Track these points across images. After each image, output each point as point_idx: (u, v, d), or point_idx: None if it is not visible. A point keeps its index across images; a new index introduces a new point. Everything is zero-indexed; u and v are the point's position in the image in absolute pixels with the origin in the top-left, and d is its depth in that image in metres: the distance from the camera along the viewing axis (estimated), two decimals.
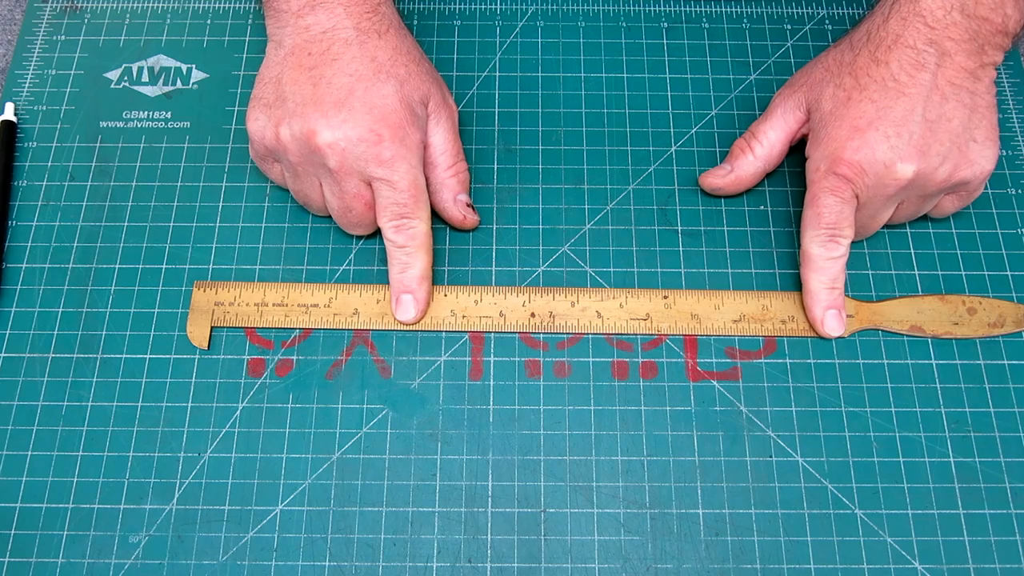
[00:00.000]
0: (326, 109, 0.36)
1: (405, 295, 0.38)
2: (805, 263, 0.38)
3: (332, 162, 0.36)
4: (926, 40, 0.36)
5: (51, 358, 0.39)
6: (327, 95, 0.36)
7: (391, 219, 0.37)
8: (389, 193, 0.36)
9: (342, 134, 0.35)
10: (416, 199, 0.37)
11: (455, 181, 0.40)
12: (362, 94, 0.36)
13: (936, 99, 0.36)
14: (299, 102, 0.36)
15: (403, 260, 0.38)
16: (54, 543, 0.35)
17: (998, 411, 0.38)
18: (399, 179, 0.36)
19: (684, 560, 0.35)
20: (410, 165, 0.36)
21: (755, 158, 0.41)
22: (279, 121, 0.37)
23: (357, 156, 0.36)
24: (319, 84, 0.36)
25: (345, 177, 0.36)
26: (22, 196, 0.42)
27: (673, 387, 0.38)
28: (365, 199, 0.37)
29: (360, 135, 0.35)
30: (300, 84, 0.36)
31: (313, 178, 0.38)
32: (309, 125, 0.36)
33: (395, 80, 0.37)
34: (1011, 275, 0.41)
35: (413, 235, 0.37)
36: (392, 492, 0.36)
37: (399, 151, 0.36)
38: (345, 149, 0.36)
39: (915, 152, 0.35)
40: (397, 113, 0.36)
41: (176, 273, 0.41)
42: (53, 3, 0.48)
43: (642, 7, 0.48)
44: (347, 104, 0.36)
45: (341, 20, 0.37)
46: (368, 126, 0.35)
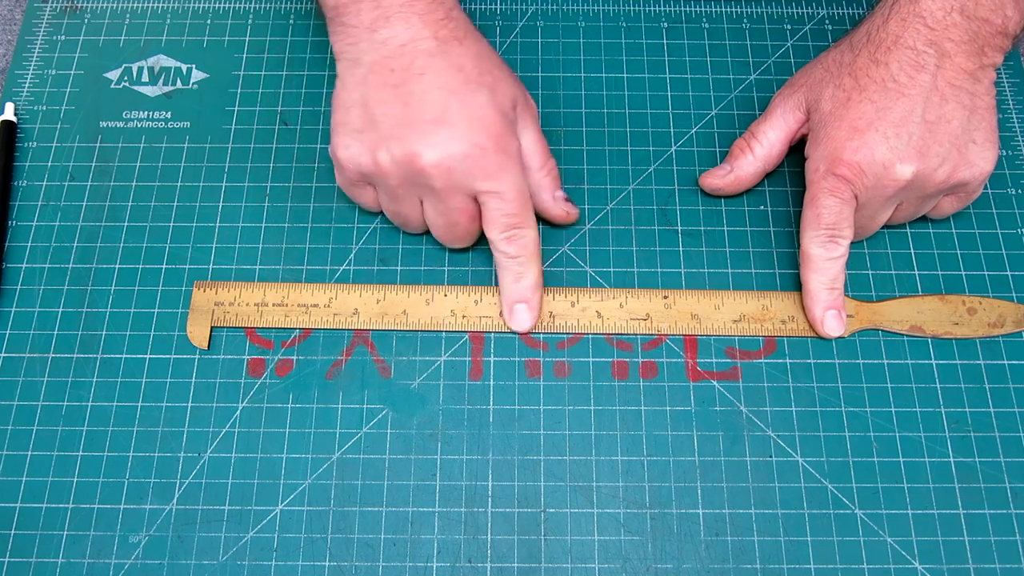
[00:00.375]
0: (424, 128, 0.34)
1: (519, 304, 0.38)
2: (805, 263, 0.38)
3: (439, 182, 0.35)
4: (926, 41, 0.36)
5: (51, 358, 0.39)
6: (422, 113, 0.34)
7: (502, 231, 0.36)
8: (498, 205, 0.36)
9: (446, 152, 0.34)
10: (524, 207, 0.36)
11: (550, 179, 0.40)
12: (458, 108, 0.35)
13: (936, 100, 0.36)
14: (393, 123, 0.35)
15: (516, 270, 0.37)
16: (54, 543, 0.35)
17: (998, 411, 0.38)
18: (507, 190, 0.35)
19: (684, 560, 0.35)
20: (515, 174, 0.36)
21: (754, 158, 0.41)
22: (375, 146, 0.35)
23: (464, 172, 0.35)
24: (411, 102, 0.35)
25: (451, 194, 0.36)
26: (22, 196, 0.42)
27: (673, 387, 0.38)
28: (470, 213, 0.37)
29: (464, 151, 0.34)
30: (390, 104, 0.35)
31: (414, 199, 0.37)
32: (410, 147, 0.34)
33: (486, 89, 0.36)
34: (1011, 275, 0.41)
35: (524, 244, 0.37)
36: (392, 492, 0.36)
37: (504, 161, 0.35)
38: (451, 167, 0.34)
39: (914, 153, 0.35)
40: (495, 123, 0.35)
41: (176, 273, 0.41)
42: (53, 3, 0.48)
43: (642, 7, 0.48)
44: (445, 120, 0.34)
45: (419, 30, 0.35)
46: (471, 140, 0.34)
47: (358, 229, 0.42)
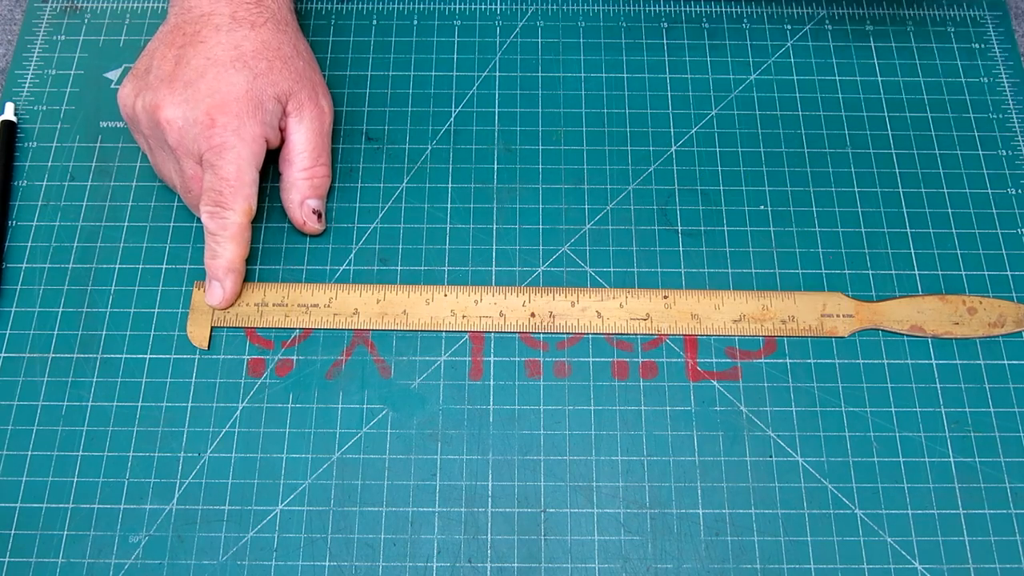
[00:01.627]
0: (175, 87, 0.37)
1: (214, 281, 0.39)
2: None
3: (171, 139, 0.37)
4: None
5: (51, 358, 0.39)
6: (181, 74, 0.37)
7: (207, 204, 0.37)
8: (211, 179, 0.37)
9: (180, 113, 0.36)
10: (235, 191, 0.37)
11: (307, 184, 0.40)
12: (211, 78, 0.37)
13: None
14: (158, 76, 0.37)
15: (212, 247, 0.38)
16: (54, 543, 0.35)
17: (998, 411, 0.38)
18: (222, 166, 0.36)
19: (684, 560, 0.35)
20: (237, 155, 0.37)
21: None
22: (138, 92, 0.38)
23: (192, 137, 0.36)
24: (179, 63, 0.37)
25: (183, 156, 0.37)
26: (22, 196, 0.42)
27: (673, 387, 0.38)
28: (199, 180, 0.38)
29: (196, 117, 0.36)
30: (165, 61, 0.38)
31: (163, 154, 0.39)
32: (156, 100, 0.37)
33: (249, 71, 0.37)
34: (1011, 275, 0.41)
35: (224, 225, 0.37)
36: (392, 492, 0.36)
37: (229, 140, 0.36)
38: (182, 128, 0.37)
39: None
40: (239, 102, 0.37)
41: (176, 273, 0.41)
42: (53, 3, 0.48)
43: (642, 7, 0.48)
44: (194, 85, 0.37)
45: (220, 7, 0.38)
46: (204, 109, 0.36)
47: (358, 229, 0.42)
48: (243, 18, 0.38)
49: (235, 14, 0.38)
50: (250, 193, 0.37)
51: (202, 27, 0.38)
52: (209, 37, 0.38)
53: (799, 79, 0.45)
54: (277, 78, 0.38)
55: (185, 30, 0.38)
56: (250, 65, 0.37)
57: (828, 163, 0.43)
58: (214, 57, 0.37)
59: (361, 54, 0.46)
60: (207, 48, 0.37)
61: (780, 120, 0.44)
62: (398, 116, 0.45)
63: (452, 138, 0.44)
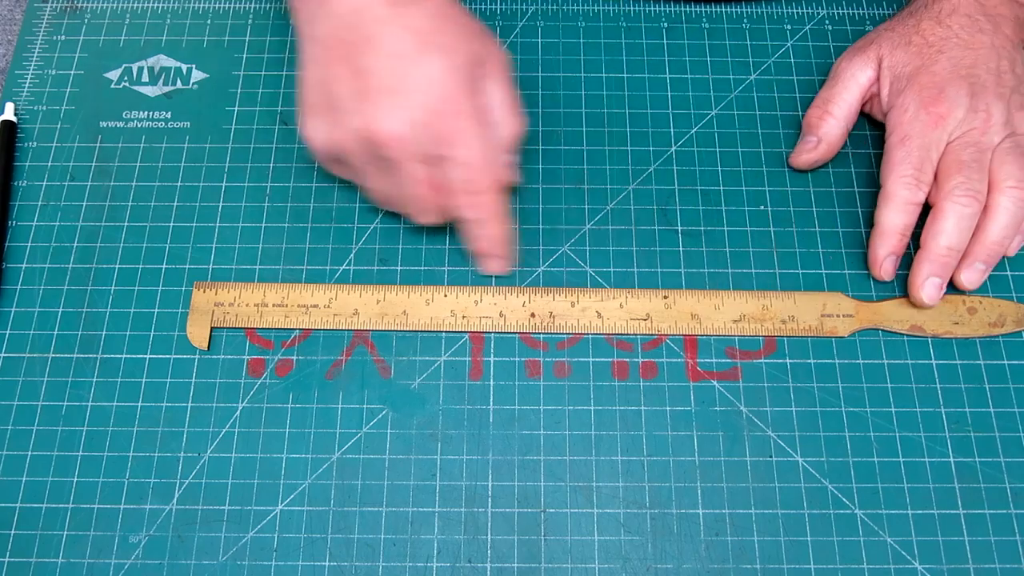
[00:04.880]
0: (378, 99, 0.34)
1: (491, 258, 0.39)
2: (884, 201, 0.39)
3: (395, 152, 0.34)
4: (980, 12, 0.40)
5: (51, 358, 0.39)
6: (374, 84, 0.34)
7: (459, 197, 0.36)
8: (455, 171, 0.35)
9: (400, 121, 0.33)
10: (483, 170, 0.35)
11: (508, 143, 0.38)
12: (409, 75, 0.34)
13: (994, 56, 0.39)
14: (349, 99, 0.34)
15: (476, 232, 0.37)
16: (54, 543, 0.35)
17: (998, 411, 0.38)
18: (462, 154, 0.35)
19: (684, 560, 0.35)
20: (472, 136, 0.35)
21: (837, 120, 0.42)
22: (336, 124, 0.35)
23: (420, 141, 0.34)
24: (363, 74, 0.34)
25: (409, 163, 0.35)
26: (22, 196, 0.42)
27: (673, 387, 0.38)
28: (431, 182, 0.36)
29: (419, 118, 0.34)
30: (345, 80, 0.34)
31: (382, 175, 0.37)
32: (366, 121, 0.34)
33: (441, 51, 0.34)
34: (1011, 275, 0.41)
35: (483, 208, 0.36)
36: (392, 492, 0.36)
37: (460, 125, 0.34)
38: (408, 136, 0.34)
39: (985, 91, 0.38)
40: (450, 86, 0.34)
41: (176, 273, 0.41)
42: (53, 3, 0.48)
43: (642, 7, 0.48)
44: (398, 88, 0.34)
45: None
46: (424, 107, 0.34)
47: (358, 229, 0.42)
48: (398, 1, 0.34)
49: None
50: (497, 167, 0.36)
51: (363, 26, 0.34)
52: (378, 33, 0.34)
53: (799, 79, 0.45)
54: (463, 46, 0.35)
55: (344, 36, 0.34)
56: (437, 44, 0.34)
57: (828, 163, 0.43)
58: (397, 51, 0.34)
59: None
60: (383, 46, 0.34)
61: (780, 120, 0.44)
62: None
63: None
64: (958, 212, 0.37)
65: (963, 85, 0.38)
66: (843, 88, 0.42)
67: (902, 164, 0.38)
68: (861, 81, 0.41)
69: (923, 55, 0.40)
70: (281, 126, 0.44)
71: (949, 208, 0.37)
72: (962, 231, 0.37)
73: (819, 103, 0.42)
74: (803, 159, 0.42)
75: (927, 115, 0.38)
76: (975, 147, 0.38)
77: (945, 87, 0.38)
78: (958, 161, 0.38)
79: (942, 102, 0.38)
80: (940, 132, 0.38)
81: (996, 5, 0.40)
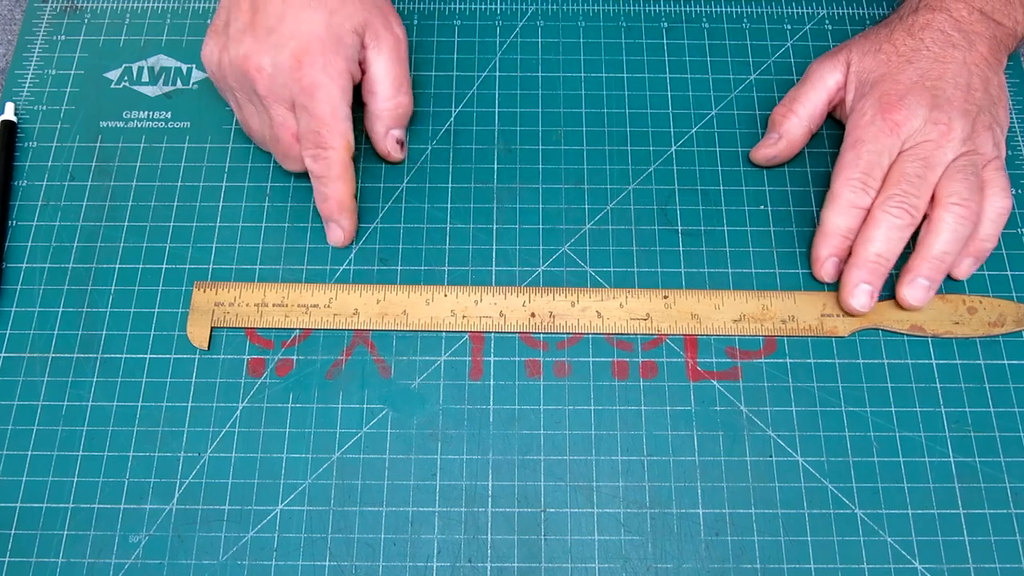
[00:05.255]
0: (258, 35, 0.37)
1: (331, 222, 0.40)
2: (829, 202, 0.39)
3: (260, 87, 0.37)
4: (954, 28, 0.40)
5: (51, 358, 0.39)
6: (261, 21, 0.37)
7: (307, 147, 0.38)
8: (307, 121, 0.37)
9: (268, 60, 0.36)
10: (332, 128, 0.37)
11: (391, 115, 0.41)
12: (291, 21, 0.37)
13: (965, 72, 0.39)
14: (238, 28, 0.37)
15: (321, 190, 0.39)
16: (54, 543, 0.35)
17: (998, 411, 0.38)
18: (315, 106, 0.37)
19: (684, 560, 0.35)
20: (328, 92, 0.37)
21: (800, 119, 0.42)
22: (222, 47, 0.38)
23: (282, 83, 0.37)
24: (257, 11, 0.37)
25: (273, 103, 0.37)
26: (22, 196, 0.42)
27: (673, 387, 0.38)
28: (291, 129, 0.38)
29: (282, 61, 0.36)
30: (242, 11, 0.38)
31: (252, 107, 0.39)
32: (242, 50, 0.37)
33: (325, 8, 0.37)
34: (1011, 275, 0.41)
35: (328, 164, 0.38)
36: (392, 492, 0.36)
37: (318, 78, 0.36)
38: (271, 75, 0.37)
39: (950, 106, 0.38)
40: (321, 40, 0.37)
41: (176, 273, 0.41)
42: (53, 3, 0.48)
43: (642, 7, 0.48)
44: (276, 30, 0.37)
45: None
46: (289, 52, 0.36)
47: (358, 229, 0.42)
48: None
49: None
50: (346, 128, 0.38)
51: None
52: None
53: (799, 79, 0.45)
54: (352, 11, 0.38)
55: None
56: (325, 2, 0.37)
57: (828, 163, 0.43)
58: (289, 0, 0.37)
59: None
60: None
61: None
62: None
63: (452, 138, 0.44)
64: (888, 222, 0.37)
65: (925, 96, 0.38)
66: (810, 88, 0.42)
67: (850, 167, 0.39)
68: (829, 84, 0.42)
69: (891, 63, 0.40)
70: None
71: (880, 217, 0.38)
72: (891, 241, 0.38)
73: (786, 101, 0.43)
74: (762, 154, 0.43)
75: (883, 121, 0.38)
76: (924, 161, 0.38)
77: (906, 95, 0.39)
78: (901, 172, 0.38)
79: (900, 110, 0.38)
80: (894, 139, 0.38)
81: (972, 23, 0.40)
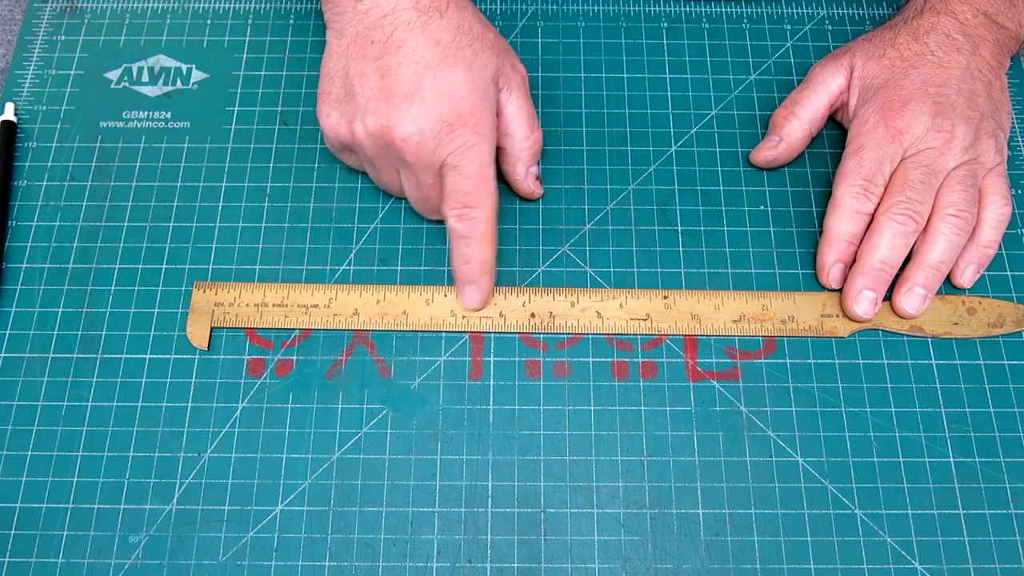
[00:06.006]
0: (398, 102, 0.35)
1: (468, 285, 0.38)
2: (832, 209, 0.39)
3: (408, 156, 0.35)
4: (959, 32, 0.40)
5: (51, 358, 0.39)
6: (396, 87, 0.35)
7: (453, 207, 0.36)
8: (454, 180, 0.36)
9: (415, 128, 0.35)
10: (481, 188, 0.36)
11: (530, 153, 0.40)
12: (431, 83, 0.35)
13: (968, 78, 0.39)
14: (370, 96, 0.36)
15: (463, 252, 0.37)
16: (54, 543, 0.35)
17: (998, 411, 0.38)
18: (465, 166, 0.35)
19: (684, 560, 0.35)
20: (479, 152, 0.35)
21: (800, 122, 0.42)
22: (352, 117, 0.36)
23: (431, 148, 0.35)
24: (387, 76, 0.35)
25: (421, 169, 0.36)
26: (22, 196, 0.42)
27: (673, 387, 0.38)
28: (438, 187, 0.37)
29: (431, 128, 0.35)
30: (368, 77, 0.36)
31: (391, 169, 0.38)
32: (382, 121, 0.35)
33: (462, 64, 0.36)
34: (1011, 275, 0.41)
35: (475, 225, 0.36)
36: (392, 492, 0.36)
37: (470, 139, 0.35)
38: (419, 143, 0.35)
39: (953, 113, 0.38)
40: (467, 100, 0.35)
41: (176, 273, 0.41)
42: (53, 3, 0.48)
43: (642, 7, 0.48)
44: (417, 96, 0.35)
45: (400, 1, 0.36)
46: (439, 116, 0.35)
47: (358, 229, 0.42)
48: (427, 7, 0.36)
49: (418, 5, 0.36)
50: (493, 187, 0.36)
51: (392, 29, 0.36)
52: (405, 38, 0.35)
53: (799, 79, 0.45)
54: (483, 59, 0.36)
55: (372, 37, 0.36)
56: (459, 57, 0.36)
57: (828, 164, 0.43)
58: (422, 60, 0.35)
59: None
60: (409, 51, 0.35)
61: None
62: None
63: None
64: (893, 229, 0.38)
65: (928, 102, 0.38)
66: (812, 92, 0.42)
67: (853, 174, 0.39)
68: (831, 87, 0.42)
69: (895, 68, 0.40)
70: (281, 126, 0.44)
71: (885, 224, 0.38)
72: (895, 248, 0.38)
73: (787, 104, 0.43)
74: (762, 156, 0.43)
75: (885, 128, 0.38)
76: (926, 168, 0.38)
77: (909, 102, 0.38)
78: (905, 179, 0.38)
79: (902, 117, 0.38)
80: (896, 146, 0.38)
81: (977, 27, 0.40)
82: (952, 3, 0.40)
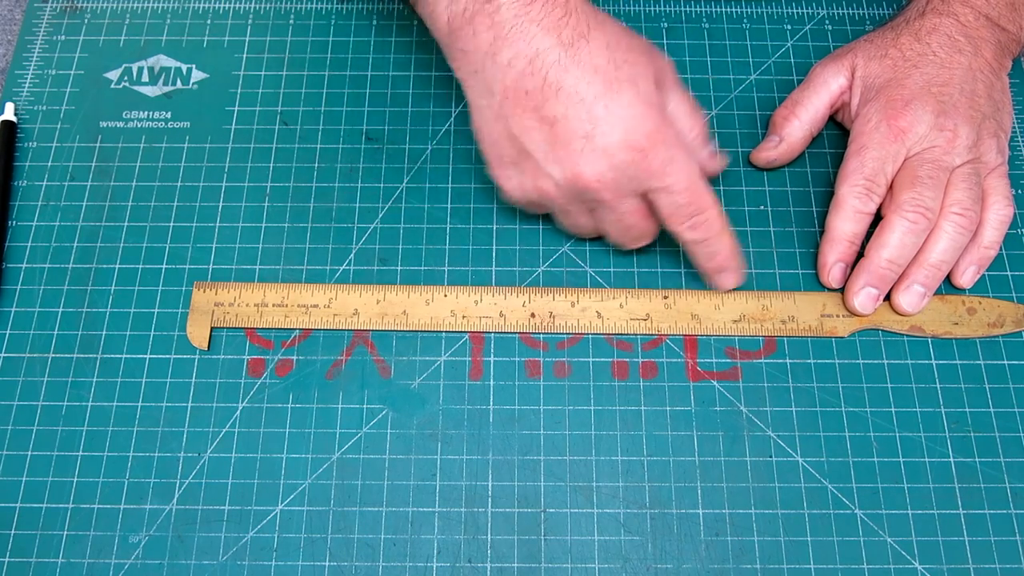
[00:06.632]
0: (579, 147, 0.34)
1: (721, 273, 0.38)
2: (834, 209, 0.39)
3: (606, 194, 0.35)
4: (961, 33, 0.40)
5: (51, 358, 0.39)
6: (571, 131, 0.33)
7: (681, 221, 0.35)
8: (669, 200, 0.35)
9: (607, 165, 0.34)
10: (697, 194, 0.35)
11: (699, 142, 0.38)
12: (605, 115, 0.33)
13: (970, 78, 0.39)
14: (547, 149, 0.34)
15: (705, 252, 0.37)
16: (54, 543, 0.35)
17: (998, 411, 0.38)
18: (673, 183, 0.34)
19: (684, 560, 0.35)
20: (679, 164, 0.34)
21: (801, 123, 0.42)
22: (535, 175, 0.35)
23: (628, 179, 0.34)
24: (556, 123, 0.34)
25: (620, 201, 0.35)
26: (22, 196, 0.42)
27: (673, 387, 0.38)
28: (642, 213, 0.36)
29: (624, 159, 0.33)
30: (535, 131, 0.34)
31: (584, 214, 0.37)
32: (570, 169, 0.34)
33: (628, 84, 0.34)
34: (1011, 275, 0.41)
35: (708, 227, 0.36)
36: (392, 492, 0.36)
37: (665, 155, 0.34)
38: (615, 178, 0.34)
39: (955, 113, 0.38)
40: (647, 118, 0.34)
41: (176, 273, 0.41)
42: (53, 3, 0.48)
43: (642, 7, 0.48)
44: (597, 133, 0.33)
45: (541, 41, 0.33)
46: (628, 145, 0.33)
47: (358, 229, 0.42)
48: (572, 38, 0.33)
49: (562, 39, 0.33)
50: (705, 184, 0.35)
51: (544, 74, 0.33)
52: (561, 79, 0.33)
53: (799, 79, 0.45)
54: (643, 70, 0.34)
55: (525, 87, 0.34)
56: (621, 78, 0.34)
57: (828, 164, 0.43)
58: (588, 94, 0.33)
59: (361, 54, 0.46)
60: (571, 91, 0.33)
61: None
62: (398, 116, 0.45)
63: (452, 138, 0.44)
64: (905, 227, 0.37)
65: (930, 102, 0.38)
66: (813, 93, 0.42)
67: (855, 173, 0.39)
68: (832, 88, 0.42)
69: (897, 68, 0.40)
70: (281, 126, 0.44)
71: (897, 221, 0.37)
72: (905, 246, 0.38)
73: (788, 104, 0.43)
74: (762, 156, 0.43)
75: (888, 128, 0.38)
76: (934, 164, 0.38)
77: (911, 102, 0.38)
78: (913, 176, 0.38)
79: (905, 116, 0.38)
80: (898, 146, 0.38)
81: (978, 28, 0.40)
82: (954, 5, 0.40)
